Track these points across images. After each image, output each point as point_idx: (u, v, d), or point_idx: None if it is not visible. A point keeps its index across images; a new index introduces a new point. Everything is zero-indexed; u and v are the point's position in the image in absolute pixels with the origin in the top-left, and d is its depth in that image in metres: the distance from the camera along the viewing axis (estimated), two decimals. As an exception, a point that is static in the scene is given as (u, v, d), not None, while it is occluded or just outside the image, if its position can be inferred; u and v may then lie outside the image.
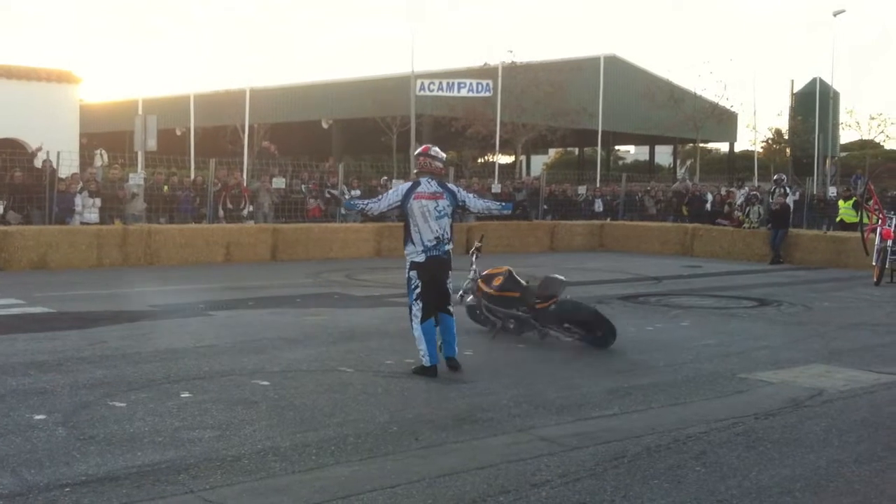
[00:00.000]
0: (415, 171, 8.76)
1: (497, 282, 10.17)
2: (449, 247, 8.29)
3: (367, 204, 8.77)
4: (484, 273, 10.38)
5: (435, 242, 8.16)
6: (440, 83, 31.92)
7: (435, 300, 8.23)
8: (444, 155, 8.61)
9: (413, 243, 8.23)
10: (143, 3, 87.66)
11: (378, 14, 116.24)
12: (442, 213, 8.22)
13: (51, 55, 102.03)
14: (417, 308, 8.19)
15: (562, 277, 10.27)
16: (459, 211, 8.75)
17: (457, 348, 8.38)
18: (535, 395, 7.43)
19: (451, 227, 8.38)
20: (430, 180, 8.34)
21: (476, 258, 10.28)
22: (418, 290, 8.20)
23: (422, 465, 5.59)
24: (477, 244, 10.51)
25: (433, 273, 8.21)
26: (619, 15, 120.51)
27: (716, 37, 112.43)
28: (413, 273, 8.24)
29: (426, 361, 8.10)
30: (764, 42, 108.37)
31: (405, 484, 5.21)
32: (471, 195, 8.82)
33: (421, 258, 8.20)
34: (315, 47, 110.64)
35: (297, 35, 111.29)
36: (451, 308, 8.38)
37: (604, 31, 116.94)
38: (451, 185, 8.59)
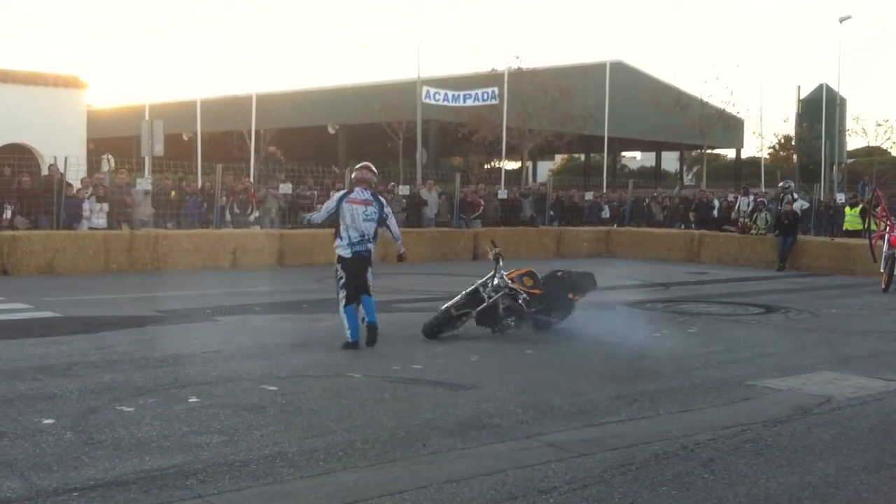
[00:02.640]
0: (352, 178, 10.30)
1: (528, 282, 10.78)
2: (371, 246, 9.63)
3: (311, 216, 10.31)
4: (512, 273, 10.76)
5: (359, 239, 9.52)
6: (446, 94, 31.85)
7: (356, 290, 9.59)
8: (375, 171, 10.09)
9: (341, 238, 9.58)
10: (143, 3, 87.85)
11: (378, 14, 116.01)
12: (369, 217, 9.59)
13: (50, 56, 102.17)
14: (343, 295, 9.61)
15: (592, 274, 11.72)
16: (383, 222, 9.86)
17: (377, 316, 9.68)
18: (543, 401, 7.42)
19: (376, 231, 9.72)
20: (363, 190, 9.72)
21: (501, 262, 10.64)
22: (343, 281, 9.62)
23: (429, 471, 5.59)
24: (497, 250, 10.82)
25: (355, 269, 9.57)
26: (625, 20, 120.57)
27: (722, 43, 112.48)
28: (339, 265, 9.64)
29: (349, 337, 9.51)
30: (770, 48, 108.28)
31: (413, 490, 5.21)
32: (393, 216, 10.03)
33: (346, 252, 9.56)
34: (315, 48, 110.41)
35: (297, 35, 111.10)
36: (370, 292, 9.73)
37: (609, 36, 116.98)
38: (381, 198, 9.93)
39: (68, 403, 6.93)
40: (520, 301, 10.47)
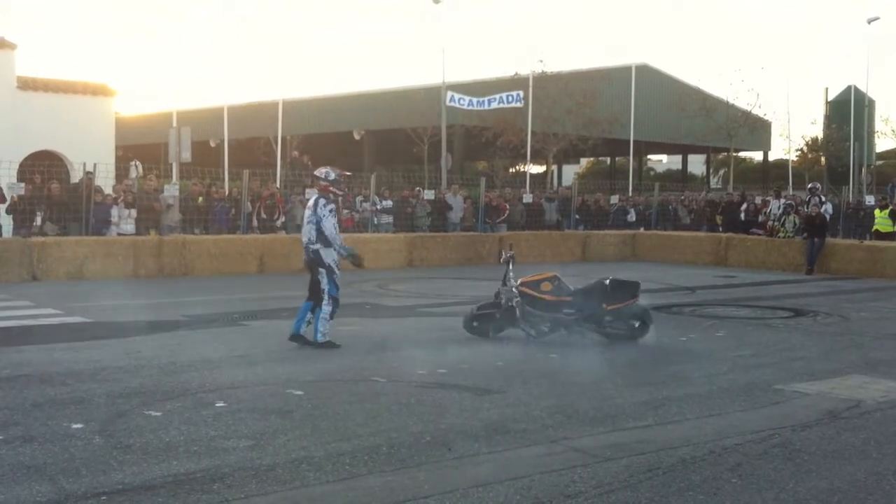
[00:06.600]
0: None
1: (546, 287, 10.55)
2: (315, 248, 9.89)
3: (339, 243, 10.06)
4: (528, 278, 10.66)
5: (305, 242, 10.02)
6: (470, 100, 31.85)
7: (310, 291, 10.10)
8: (327, 173, 10.10)
9: None
10: (143, 3, 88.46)
11: (381, 13, 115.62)
12: (308, 220, 10.00)
13: (51, 56, 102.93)
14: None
15: (636, 280, 11.33)
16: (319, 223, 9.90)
17: (303, 327, 9.97)
18: (569, 406, 7.40)
19: (320, 234, 9.84)
20: (317, 196, 10.10)
21: (511, 266, 10.63)
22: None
23: (455, 476, 5.58)
24: (509, 253, 10.81)
25: (309, 269, 10.10)
26: (649, 23, 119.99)
27: (747, 45, 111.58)
28: None
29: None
30: (796, 49, 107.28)
31: (438, 494, 5.21)
32: (327, 220, 9.86)
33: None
34: (318, 49, 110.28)
35: (300, 36, 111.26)
36: (319, 300, 9.94)
37: (633, 39, 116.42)
38: (321, 199, 9.95)
39: (97, 408, 7.00)
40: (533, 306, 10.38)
